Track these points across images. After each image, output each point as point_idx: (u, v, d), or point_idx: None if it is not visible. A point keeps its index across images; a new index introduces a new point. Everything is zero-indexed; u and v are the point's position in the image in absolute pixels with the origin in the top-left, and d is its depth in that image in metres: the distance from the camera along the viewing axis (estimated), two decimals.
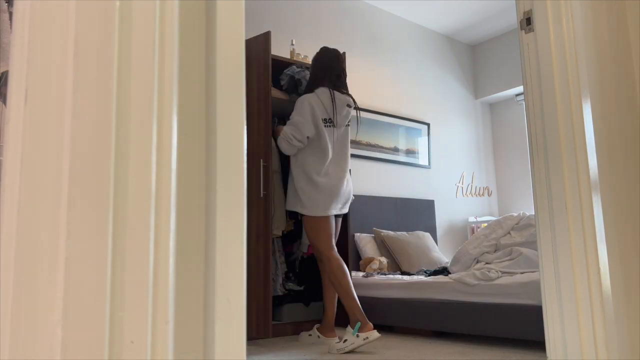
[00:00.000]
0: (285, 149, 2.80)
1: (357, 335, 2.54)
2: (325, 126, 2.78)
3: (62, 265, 0.64)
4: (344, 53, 3.22)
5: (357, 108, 2.93)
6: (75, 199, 0.65)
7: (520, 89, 5.23)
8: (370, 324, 2.59)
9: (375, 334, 2.54)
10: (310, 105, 2.75)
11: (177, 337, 0.66)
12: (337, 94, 2.83)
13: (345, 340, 2.55)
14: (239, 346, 0.71)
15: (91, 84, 0.68)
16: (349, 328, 2.60)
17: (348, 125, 2.92)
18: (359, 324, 2.59)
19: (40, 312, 0.64)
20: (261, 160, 3.03)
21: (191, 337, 0.67)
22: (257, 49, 3.26)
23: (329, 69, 2.87)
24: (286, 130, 2.76)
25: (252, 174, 2.97)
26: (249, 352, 2.59)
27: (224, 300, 0.70)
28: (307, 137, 2.74)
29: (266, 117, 3.08)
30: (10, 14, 1.89)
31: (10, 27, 1.65)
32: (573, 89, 1.53)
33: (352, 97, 2.92)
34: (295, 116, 2.77)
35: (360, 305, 2.68)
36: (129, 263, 0.65)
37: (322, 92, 2.81)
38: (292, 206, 2.84)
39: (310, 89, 2.88)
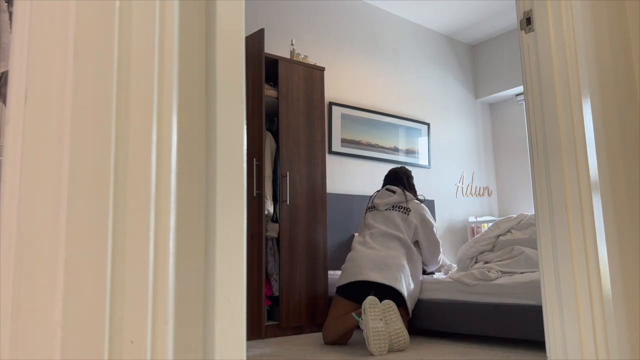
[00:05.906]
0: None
1: (362, 318, 2.64)
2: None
3: (62, 265, 0.64)
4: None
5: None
6: (75, 199, 0.65)
7: (520, 89, 5.23)
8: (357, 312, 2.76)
9: (362, 306, 2.66)
10: None
11: (177, 337, 0.66)
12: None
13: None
14: (239, 346, 0.71)
15: (91, 84, 0.68)
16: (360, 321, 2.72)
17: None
18: (354, 314, 2.74)
19: (40, 312, 0.64)
20: (254, 159, 3.03)
21: (191, 337, 0.67)
22: (250, 47, 3.25)
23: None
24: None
25: (246, 173, 2.98)
26: (249, 353, 2.59)
27: (224, 300, 0.70)
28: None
29: (259, 116, 3.07)
30: (10, 14, 1.89)
31: (10, 27, 1.65)
32: (573, 89, 1.53)
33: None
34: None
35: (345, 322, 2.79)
36: (129, 263, 0.65)
37: None
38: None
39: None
